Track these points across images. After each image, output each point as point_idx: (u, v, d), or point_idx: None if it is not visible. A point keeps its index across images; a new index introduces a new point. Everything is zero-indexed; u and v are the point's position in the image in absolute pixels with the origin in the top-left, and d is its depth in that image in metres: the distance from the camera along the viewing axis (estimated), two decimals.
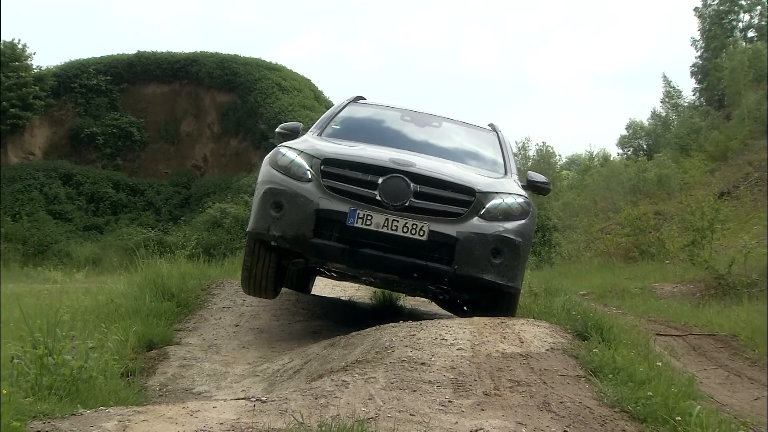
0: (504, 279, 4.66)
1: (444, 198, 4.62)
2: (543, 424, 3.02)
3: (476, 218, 4.63)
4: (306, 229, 4.57)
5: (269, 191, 4.74)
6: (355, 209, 4.51)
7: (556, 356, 3.99)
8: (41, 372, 3.69)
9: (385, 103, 6.61)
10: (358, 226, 4.49)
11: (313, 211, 4.55)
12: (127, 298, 6.26)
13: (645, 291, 11.01)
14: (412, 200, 4.53)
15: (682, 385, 3.84)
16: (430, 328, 4.39)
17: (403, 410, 3.07)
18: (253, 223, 4.85)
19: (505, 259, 4.63)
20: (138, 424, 2.84)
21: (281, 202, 4.66)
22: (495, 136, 6.23)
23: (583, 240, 23.07)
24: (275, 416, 2.96)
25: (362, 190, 4.56)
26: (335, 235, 4.56)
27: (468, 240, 4.55)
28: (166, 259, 7.61)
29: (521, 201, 4.87)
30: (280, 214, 4.65)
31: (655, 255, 15.23)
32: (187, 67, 27.51)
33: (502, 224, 4.68)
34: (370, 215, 4.49)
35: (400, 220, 4.49)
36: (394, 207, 4.50)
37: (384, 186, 4.54)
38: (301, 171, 4.72)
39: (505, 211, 4.73)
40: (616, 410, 3.28)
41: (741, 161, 23.65)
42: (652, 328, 6.80)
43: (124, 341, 5.04)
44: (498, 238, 4.62)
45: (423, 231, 4.49)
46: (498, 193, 4.81)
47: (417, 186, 4.56)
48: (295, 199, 4.62)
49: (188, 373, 4.90)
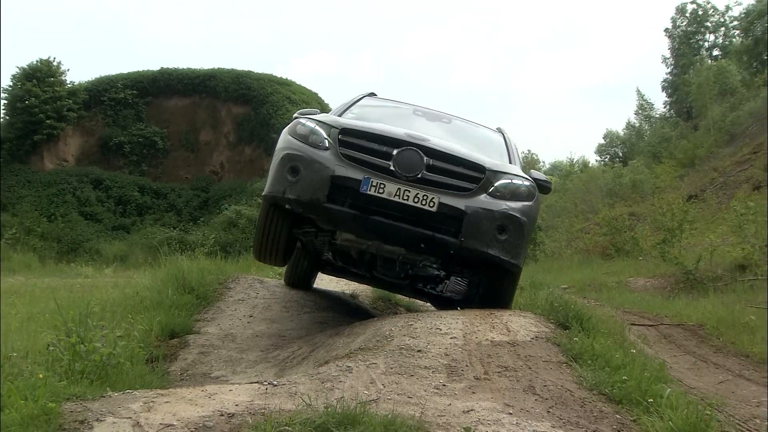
0: (508, 255, 4.44)
1: (455, 173, 4.41)
2: (528, 405, 3.01)
3: (484, 195, 4.42)
4: (320, 194, 4.33)
5: (287, 156, 4.52)
6: (369, 177, 4.29)
7: (540, 344, 3.99)
8: (74, 358, 3.69)
9: (398, 99, 6.38)
10: (370, 194, 4.27)
11: (328, 177, 4.32)
12: (152, 291, 6.25)
13: (620, 285, 11.01)
14: (424, 172, 4.31)
15: (654, 370, 3.84)
16: (426, 319, 4.39)
17: (401, 393, 3.07)
18: (269, 187, 4.62)
19: (510, 236, 4.41)
20: (161, 405, 2.84)
21: (298, 167, 4.43)
22: (501, 136, 6.01)
23: (564, 239, 23.05)
24: (285, 398, 2.96)
25: (377, 159, 4.35)
26: (348, 201, 4.32)
27: (475, 214, 4.33)
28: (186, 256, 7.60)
29: (528, 184, 4.67)
30: (297, 179, 4.41)
31: (630, 252, 15.22)
32: (206, 82, 27.50)
33: (508, 203, 4.46)
34: (383, 184, 4.27)
35: (411, 190, 4.27)
36: (407, 178, 4.29)
37: (398, 157, 4.32)
38: (318, 139, 4.50)
39: (512, 190, 4.52)
40: (595, 393, 3.28)
41: (707, 167, 23.63)
42: (627, 319, 6.80)
43: (149, 330, 5.04)
44: (504, 215, 4.40)
45: (433, 202, 4.27)
46: (507, 174, 4.59)
47: (430, 160, 4.35)
48: (311, 164, 4.39)
49: (206, 360, 4.90)
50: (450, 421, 2.75)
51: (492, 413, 2.86)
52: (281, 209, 4.72)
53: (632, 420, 2.96)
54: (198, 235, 18.40)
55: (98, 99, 27.09)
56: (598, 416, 2.97)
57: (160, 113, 27.80)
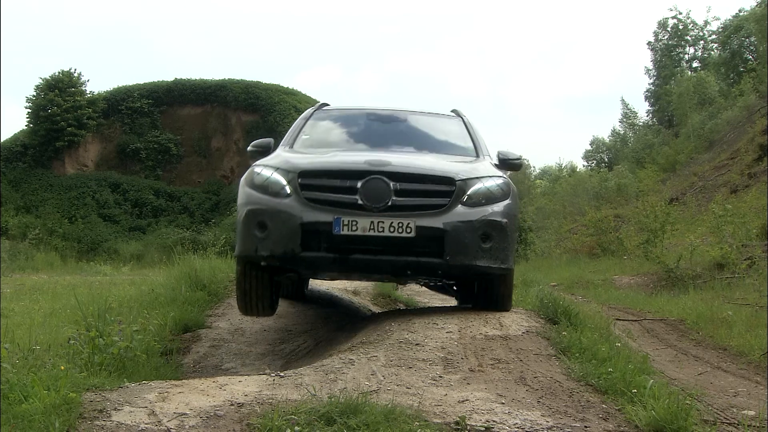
0: (497, 262, 4.09)
1: (425, 191, 4.03)
2: (519, 395, 3.01)
3: (460, 206, 4.03)
4: (294, 245, 3.93)
5: (250, 213, 4.08)
6: (339, 217, 3.88)
7: (531, 338, 3.99)
8: (93, 351, 3.69)
9: (350, 106, 5.82)
10: (345, 234, 3.87)
11: (298, 225, 3.91)
12: (166, 288, 6.26)
13: (606, 282, 10.99)
14: (394, 199, 3.91)
15: (637, 363, 3.84)
16: (423, 315, 4.38)
17: (400, 384, 3.07)
18: (240, 247, 4.19)
19: (495, 242, 4.05)
20: (175, 395, 2.84)
21: (264, 221, 4.00)
22: (460, 121, 5.47)
23: (553, 239, 23.05)
24: (291, 389, 2.96)
25: (343, 196, 3.94)
26: (324, 246, 3.94)
27: (456, 229, 3.95)
28: (198, 255, 7.60)
29: (500, 182, 4.28)
30: (265, 234, 3.99)
31: (615, 252, 15.21)
32: (217, 92, 27.48)
33: (486, 208, 4.08)
34: (355, 221, 3.87)
35: (385, 220, 3.87)
36: (377, 208, 3.89)
37: (364, 189, 3.91)
38: (278, 187, 4.05)
39: (486, 194, 4.14)
40: (582, 384, 3.28)
41: (687, 172, 23.63)
42: (612, 314, 6.79)
43: (163, 325, 5.04)
44: (484, 222, 4.03)
45: (410, 228, 3.88)
46: (477, 178, 4.19)
47: (397, 184, 3.94)
48: (277, 216, 3.97)
49: (217, 352, 4.90)
50: (446, 411, 2.75)
51: (485, 403, 2.86)
52: (257, 265, 4.26)
53: (617, 409, 2.96)
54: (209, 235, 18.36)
55: (116, 108, 27.08)
56: (585, 406, 2.96)
57: (174, 121, 27.77)
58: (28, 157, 24.80)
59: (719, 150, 23.15)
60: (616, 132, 45.15)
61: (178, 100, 27.98)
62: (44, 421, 2.43)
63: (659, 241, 12.74)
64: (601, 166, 41.97)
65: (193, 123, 28.01)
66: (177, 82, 28.11)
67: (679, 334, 6.24)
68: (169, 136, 27.51)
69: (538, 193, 40.34)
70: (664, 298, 8.58)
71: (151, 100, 27.59)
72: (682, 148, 27.21)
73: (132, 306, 5.48)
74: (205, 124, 28.10)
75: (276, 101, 26.65)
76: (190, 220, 25.53)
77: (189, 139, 27.97)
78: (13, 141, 25.19)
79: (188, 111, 28.14)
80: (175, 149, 27.58)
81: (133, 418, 2.56)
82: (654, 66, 40.52)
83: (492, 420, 2.67)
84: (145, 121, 27.49)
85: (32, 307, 7.02)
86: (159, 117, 27.85)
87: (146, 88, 28.03)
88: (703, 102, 29.76)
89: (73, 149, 25.69)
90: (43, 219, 22.36)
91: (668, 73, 38.29)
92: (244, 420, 2.57)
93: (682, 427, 2.68)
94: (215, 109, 28.06)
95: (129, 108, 27.25)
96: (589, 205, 22.80)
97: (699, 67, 38.87)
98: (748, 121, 22.23)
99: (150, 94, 27.73)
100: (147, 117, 27.56)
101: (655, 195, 19.86)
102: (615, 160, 40.27)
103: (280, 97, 27.00)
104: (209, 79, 28.34)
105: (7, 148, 24.61)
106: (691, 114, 28.54)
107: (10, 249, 17.96)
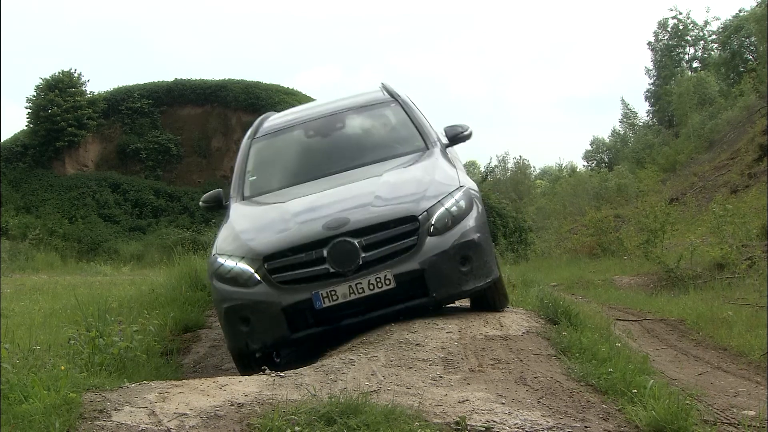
0: (481, 279, 4.04)
1: (392, 237, 3.90)
2: (520, 395, 3.01)
3: (429, 238, 3.91)
4: (282, 330, 3.89)
5: (230, 310, 3.99)
6: (316, 292, 3.80)
7: (531, 338, 3.98)
8: (93, 351, 3.70)
9: (288, 119, 5.54)
10: (327, 306, 3.81)
11: (280, 310, 3.85)
12: (166, 288, 6.26)
13: (606, 282, 10.99)
14: (363, 256, 3.82)
15: (637, 363, 3.84)
16: (423, 315, 4.38)
17: (400, 384, 3.07)
18: (230, 343, 4.16)
19: (474, 261, 3.98)
20: (175, 395, 2.84)
21: (245, 315, 3.93)
22: (398, 105, 5.20)
23: (554, 239, 23.05)
24: (292, 389, 2.96)
25: (313, 269, 3.84)
26: (311, 321, 3.91)
27: (433, 265, 3.87)
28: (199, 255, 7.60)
29: (459, 196, 4.12)
30: (250, 327, 3.93)
31: (615, 252, 15.21)
32: (217, 92, 27.50)
33: (454, 231, 3.97)
34: (333, 290, 3.80)
35: (362, 280, 3.80)
36: (351, 271, 3.81)
37: (331, 257, 3.81)
38: (247, 276, 3.94)
39: (452, 216, 4.01)
40: (582, 384, 3.27)
41: (687, 172, 23.64)
42: (612, 314, 6.79)
43: (164, 325, 5.04)
44: (458, 246, 3.93)
45: (389, 279, 3.81)
46: (438, 202, 4.03)
47: (362, 240, 3.84)
48: (257, 307, 3.90)
49: (218, 353, 4.90)
50: (446, 411, 2.75)
51: (486, 403, 2.86)
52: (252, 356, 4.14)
53: (617, 409, 2.96)
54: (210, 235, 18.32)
55: (116, 108, 27.09)
56: (585, 406, 2.96)
57: (174, 121, 27.78)
58: (28, 157, 24.80)
59: (719, 150, 23.16)
60: (617, 132, 45.23)
61: (178, 101, 27.97)
62: (44, 422, 2.43)
63: (659, 241, 12.74)
64: (602, 166, 42.05)
65: (193, 123, 28.00)
66: (177, 82, 28.11)
67: (680, 335, 6.24)
68: (169, 137, 27.50)
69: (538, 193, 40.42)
70: (665, 298, 8.57)
71: (151, 100, 27.58)
72: (682, 148, 27.23)
73: (132, 306, 5.49)
74: (205, 124, 28.08)
75: (276, 101, 26.63)
76: (190, 220, 25.51)
77: (189, 139, 27.95)
78: (13, 141, 25.20)
79: (188, 111, 28.13)
80: (176, 149, 27.56)
81: (134, 418, 2.56)
82: (654, 66, 40.59)
83: (492, 420, 2.67)
84: (146, 121, 27.49)
85: (32, 307, 7.02)
86: (159, 117, 27.84)
87: (146, 88, 28.02)
88: (703, 102, 29.80)
89: (73, 149, 25.68)
90: (43, 219, 22.36)
91: (668, 73, 38.35)
92: (244, 420, 2.57)
93: (683, 427, 2.68)
94: (215, 109, 28.05)
95: (129, 108, 27.25)
96: (589, 206, 22.84)
97: (699, 67, 38.94)
98: (748, 121, 22.24)
99: (150, 94, 27.71)
100: (147, 117, 27.55)
101: (656, 195, 19.88)
102: (615, 160, 40.33)
103: (281, 98, 27.00)
104: (209, 80, 28.34)
105: (7, 148, 24.60)
106: (691, 114, 28.57)
107: (10, 249, 17.96)
